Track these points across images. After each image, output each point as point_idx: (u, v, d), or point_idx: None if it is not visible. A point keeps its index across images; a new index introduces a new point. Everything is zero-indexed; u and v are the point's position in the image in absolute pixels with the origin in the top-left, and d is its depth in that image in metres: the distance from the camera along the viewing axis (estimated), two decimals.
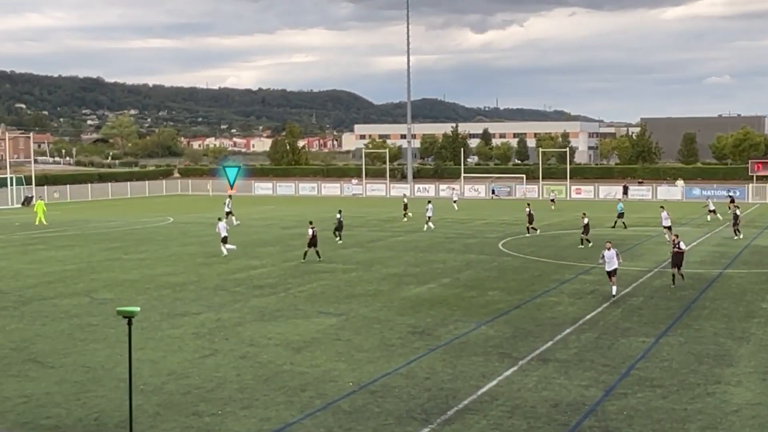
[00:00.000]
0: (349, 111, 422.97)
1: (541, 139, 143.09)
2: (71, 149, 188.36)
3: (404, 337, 23.10)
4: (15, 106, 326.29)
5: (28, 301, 28.82)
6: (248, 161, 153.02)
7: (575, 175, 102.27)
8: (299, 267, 35.96)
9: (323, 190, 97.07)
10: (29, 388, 18.47)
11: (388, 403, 17.25)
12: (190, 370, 19.88)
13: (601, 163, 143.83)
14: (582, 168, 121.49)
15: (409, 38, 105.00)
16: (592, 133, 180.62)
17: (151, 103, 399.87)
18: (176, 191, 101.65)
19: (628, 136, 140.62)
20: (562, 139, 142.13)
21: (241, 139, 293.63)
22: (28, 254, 41.29)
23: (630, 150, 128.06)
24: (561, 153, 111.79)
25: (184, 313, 26.43)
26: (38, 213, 58.84)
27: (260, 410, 16.92)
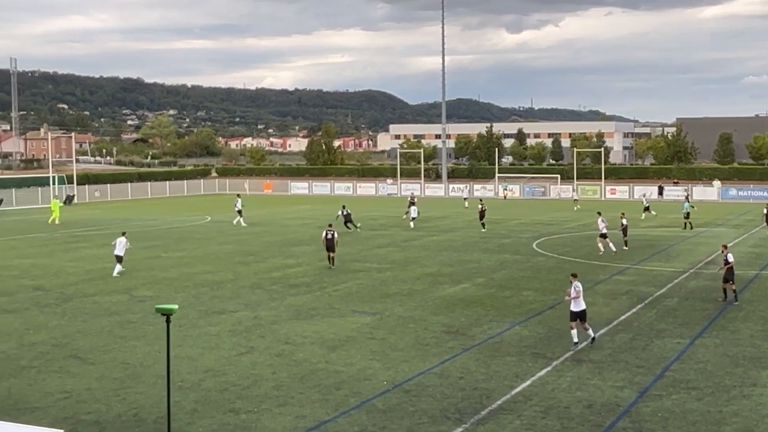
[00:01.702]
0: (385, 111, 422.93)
1: (576, 139, 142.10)
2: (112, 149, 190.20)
3: (438, 336, 23.08)
4: (57, 106, 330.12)
5: (69, 298, 29.17)
6: (284, 161, 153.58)
7: (610, 176, 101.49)
8: (335, 266, 36.02)
9: (358, 190, 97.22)
10: (70, 384, 18.69)
11: (422, 402, 17.25)
12: (227, 367, 20.01)
13: (636, 163, 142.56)
14: (617, 168, 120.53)
15: (444, 39, 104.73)
16: (627, 133, 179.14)
17: (190, 103, 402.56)
18: (214, 191, 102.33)
19: (664, 136, 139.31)
20: (597, 139, 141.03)
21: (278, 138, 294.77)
22: (70, 252, 41.77)
23: (665, 150, 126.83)
24: (596, 153, 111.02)
25: (221, 311, 26.61)
26: (54, 211, 59.27)
27: (296, 408, 16.99)
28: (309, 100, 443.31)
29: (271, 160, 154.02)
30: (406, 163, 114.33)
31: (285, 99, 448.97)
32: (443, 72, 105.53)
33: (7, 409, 16.64)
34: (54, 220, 57.92)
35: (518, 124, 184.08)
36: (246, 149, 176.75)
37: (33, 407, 17.10)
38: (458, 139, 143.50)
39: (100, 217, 64.39)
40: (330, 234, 35.77)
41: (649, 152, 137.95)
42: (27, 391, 18.25)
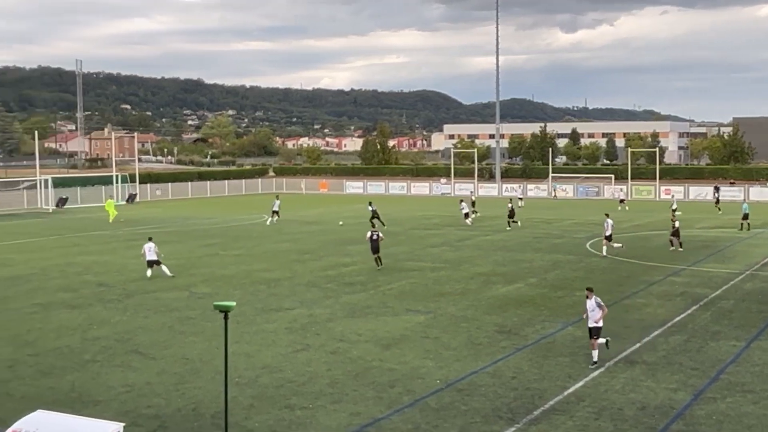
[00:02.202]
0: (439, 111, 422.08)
1: (630, 138, 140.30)
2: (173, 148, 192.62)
3: (491, 336, 22.97)
4: (121, 106, 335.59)
5: (131, 294, 29.63)
6: (340, 160, 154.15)
7: (665, 176, 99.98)
8: (388, 265, 36.04)
9: (413, 189, 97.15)
10: (132, 378, 18.99)
11: (474, 402, 17.19)
12: (283, 364, 20.16)
13: (692, 163, 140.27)
14: (672, 168, 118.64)
15: (498, 39, 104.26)
16: (682, 132, 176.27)
17: (248, 103, 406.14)
18: (271, 190, 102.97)
19: (720, 135, 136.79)
20: (652, 139, 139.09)
21: (334, 138, 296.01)
22: (132, 249, 42.37)
23: (721, 150, 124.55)
24: (650, 153, 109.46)
25: (277, 308, 26.80)
26: (109, 211, 60.14)
27: (350, 405, 17.04)
28: (364, 101, 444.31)
29: (327, 159, 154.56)
30: (459, 163, 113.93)
31: (341, 99, 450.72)
32: (497, 72, 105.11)
33: (71, 402, 16.97)
34: (113, 219, 58.85)
35: (572, 124, 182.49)
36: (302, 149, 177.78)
37: (96, 400, 17.42)
38: (512, 139, 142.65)
39: (161, 215, 65.32)
40: (375, 235, 35.77)
41: (705, 152, 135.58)
42: (90, 384, 18.59)
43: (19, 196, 74.30)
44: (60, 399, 17.30)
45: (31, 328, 24.22)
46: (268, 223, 56.14)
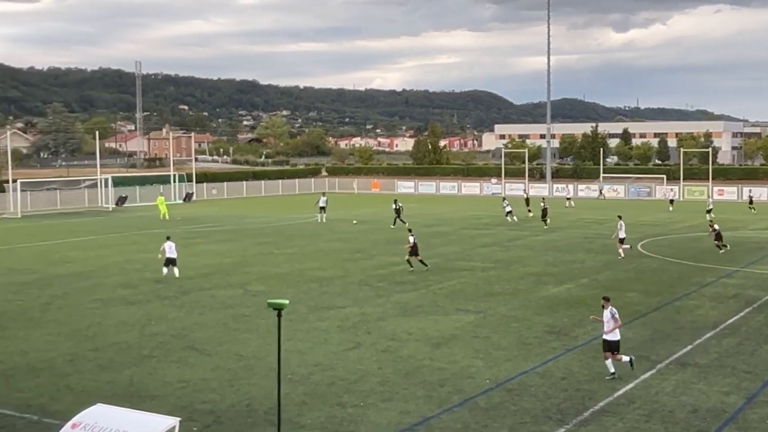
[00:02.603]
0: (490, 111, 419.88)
1: (683, 138, 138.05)
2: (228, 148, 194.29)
3: (541, 336, 22.80)
4: (178, 107, 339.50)
5: (187, 291, 29.98)
6: (391, 160, 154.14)
7: (718, 176, 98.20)
8: (439, 264, 35.98)
9: (463, 189, 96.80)
10: (187, 374, 19.21)
11: (524, 402, 17.07)
12: (334, 361, 20.23)
13: (746, 163, 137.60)
14: (725, 168, 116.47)
15: (549, 38, 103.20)
16: (736, 132, 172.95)
17: (302, 104, 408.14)
18: (324, 189, 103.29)
19: None
20: (705, 139, 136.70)
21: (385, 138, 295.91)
22: (188, 247, 42.85)
23: None
24: (703, 153, 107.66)
25: (330, 307, 26.91)
26: (160, 209, 60.89)
27: (400, 403, 17.04)
28: (416, 101, 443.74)
29: (379, 159, 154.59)
30: (510, 163, 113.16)
31: (393, 99, 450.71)
32: (548, 72, 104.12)
33: (129, 396, 17.22)
34: (164, 216, 59.58)
35: (624, 124, 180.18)
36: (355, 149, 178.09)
37: (152, 395, 17.65)
38: (563, 139, 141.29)
39: (217, 214, 65.99)
40: (415, 239, 35.28)
41: (759, 152, 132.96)
42: (147, 379, 18.85)
43: (81, 194, 75.60)
44: (118, 393, 17.56)
45: (91, 324, 24.65)
46: (318, 220, 56.40)
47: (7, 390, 18.11)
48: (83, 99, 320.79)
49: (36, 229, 54.10)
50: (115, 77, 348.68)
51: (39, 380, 18.82)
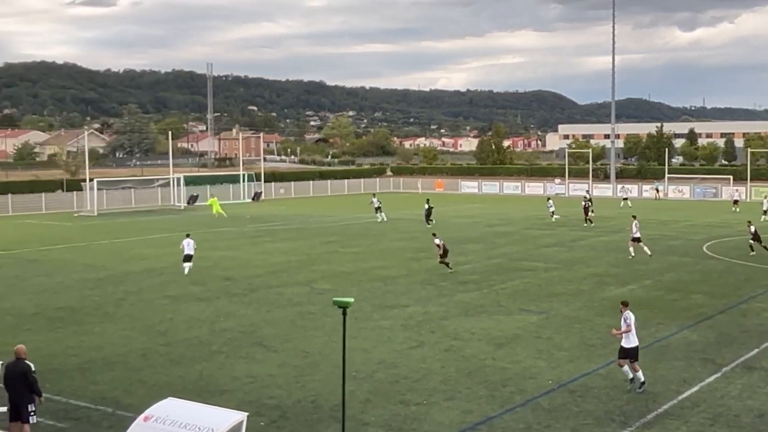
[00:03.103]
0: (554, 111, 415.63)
1: (750, 139, 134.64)
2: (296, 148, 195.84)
3: (604, 337, 22.45)
4: (248, 108, 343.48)
5: (256, 288, 30.32)
6: (455, 160, 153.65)
7: None
8: (502, 264, 35.79)
9: (527, 189, 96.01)
10: (255, 370, 19.44)
11: (587, 403, 16.88)
12: (398, 360, 20.26)
13: None
14: None
15: (614, 38, 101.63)
16: None
17: (368, 104, 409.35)
18: (389, 189, 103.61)
19: None
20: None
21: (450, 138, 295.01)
22: (256, 245, 43.40)
23: None
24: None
25: (393, 305, 26.95)
26: (214, 207, 61.66)
27: (463, 402, 17.00)
28: (480, 101, 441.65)
29: (443, 159, 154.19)
30: (574, 163, 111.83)
31: (457, 100, 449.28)
32: (613, 71, 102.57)
33: (199, 391, 17.49)
34: (220, 214, 60.35)
35: (689, 124, 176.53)
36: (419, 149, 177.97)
37: (221, 390, 17.91)
38: (627, 139, 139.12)
39: (284, 212, 66.61)
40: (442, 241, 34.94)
41: None
42: (217, 374, 19.13)
43: (154, 193, 76.96)
44: (189, 387, 17.86)
45: (163, 319, 25.10)
46: (379, 220, 56.51)
47: (84, 383, 18.56)
48: (157, 100, 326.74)
49: (111, 227, 55.29)
50: (188, 79, 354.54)
51: (113, 374, 19.25)
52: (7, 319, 25.40)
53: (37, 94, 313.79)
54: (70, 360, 20.50)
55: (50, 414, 16.13)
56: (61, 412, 16.56)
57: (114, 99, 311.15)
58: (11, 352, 14.98)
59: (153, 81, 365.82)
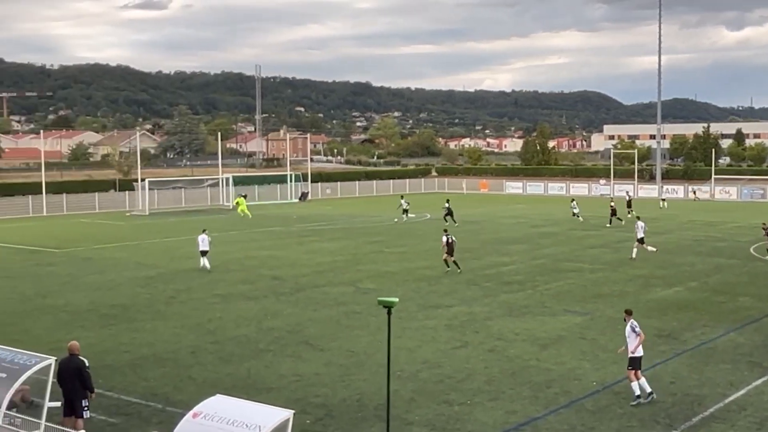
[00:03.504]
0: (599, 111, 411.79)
1: None
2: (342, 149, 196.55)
3: (650, 339, 22.05)
4: (295, 109, 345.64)
5: (302, 288, 30.48)
6: (500, 161, 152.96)
7: None
8: (546, 265, 35.52)
9: (571, 190, 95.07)
10: (301, 368, 19.54)
11: (631, 406, 16.67)
12: (442, 360, 20.22)
13: None
14: None
15: (660, 37, 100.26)
16: None
17: (413, 105, 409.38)
18: (433, 189, 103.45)
19: None
20: None
21: (494, 139, 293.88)
22: (303, 245, 43.61)
23: None
24: None
25: (438, 306, 26.90)
26: (240, 207, 62.16)
27: (506, 403, 16.91)
28: (525, 101, 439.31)
29: (488, 160, 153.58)
30: (619, 164, 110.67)
31: (502, 100, 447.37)
32: (659, 71, 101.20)
33: (246, 388, 17.62)
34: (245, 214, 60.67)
35: (737, 124, 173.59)
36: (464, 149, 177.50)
37: (268, 387, 18.03)
38: (673, 140, 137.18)
39: (331, 212, 66.82)
40: (450, 239, 34.77)
41: None
42: (264, 372, 19.27)
43: (204, 193, 77.71)
44: (237, 385, 18.01)
45: (212, 318, 25.35)
46: (399, 220, 56.34)
47: (135, 379, 18.83)
48: (207, 101, 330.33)
49: (162, 226, 55.98)
50: (237, 80, 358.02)
51: (164, 370, 19.49)
52: (62, 316, 25.87)
53: (91, 95, 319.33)
54: (122, 356, 20.81)
55: (102, 409, 16.39)
56: (113, 407, 16.81)
57: (165, 100, 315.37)
58: (65, 348, 15.25)
59: (203, 82, 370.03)
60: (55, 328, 24.08)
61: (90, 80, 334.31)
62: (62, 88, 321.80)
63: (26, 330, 23.81)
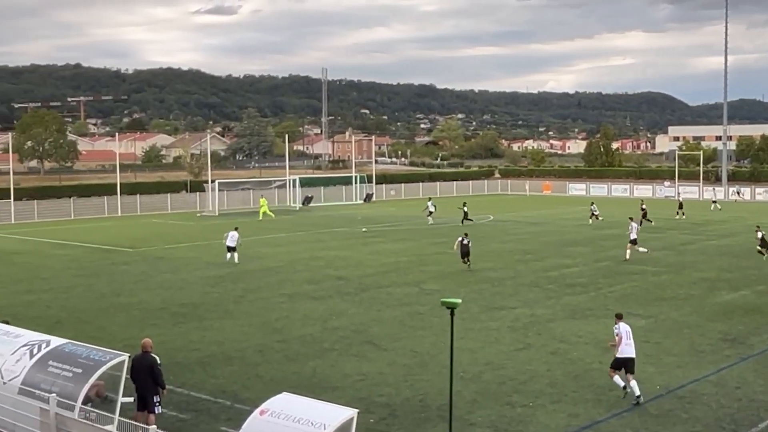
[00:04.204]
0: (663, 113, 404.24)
1: None
2: (406, 151, 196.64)
3: (715, 343, 21.72)
4: (360, 111, 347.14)
5: (367, 288, 30.58)
6: (563, 162, 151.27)
7: None
8: (610, 268, 35.01)
9: (635, 192, 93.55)
10: (365, 368, 19.60)
11: (696, 410, 16.35)
12: (505, 361, 20.09)
13: None
14: None
15: (727, 37, 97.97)
16: None
17: (476, 107, 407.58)
18: (496, 191, 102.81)
19: None
20: None
21: (558, 141, 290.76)
22: (368, 246, 43.74)
23: None
24: None
25: (501, 307, 26.73)
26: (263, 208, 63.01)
27: (569, 406, 16.72)
28: (588, 103, 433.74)
29: (551, 161, 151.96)
30: (684, 166, 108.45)
31: (565, 102, 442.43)
32: (725, 72, 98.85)
33: (312, 387, 17.74)
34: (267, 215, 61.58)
35: None
36: (527, 151, 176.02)
37: (333, 386, 18.13)
38: (740, 141, 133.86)
39: (395, 213, 66.93)
40: (465, 240, 35.21)
41: None
42: (329, 371, 19.38)
43: (271, 194, 78.46)
44: (302, 383, 18.14)
45: (279, 317, 25.60)
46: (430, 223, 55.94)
47: (204, 376, 19.12)
48: (274, 104, 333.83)
49: (231, 226, 56.51)
50: (303, 83, 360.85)
51: (232, 368, 19.75)
52: (135, 314, 26.41)
53: (164, 99, 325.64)
54: (192, 354, 21.14)
55: (173, 405, 16.68)
56: (183, 403, 17.10)
57: (234, 103, 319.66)
58: (138, 345, 15.57)
59: (271, 86, 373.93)
60: (129, 325, 24.60)
61: (163, 84, 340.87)
62: (136, 91, 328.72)
63: (102, 327, 24.38)
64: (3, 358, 14.72)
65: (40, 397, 13.60)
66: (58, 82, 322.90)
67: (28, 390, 13.87)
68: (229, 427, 15.22)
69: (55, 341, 14.91)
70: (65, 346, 14.66)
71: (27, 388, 13.91)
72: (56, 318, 25.78)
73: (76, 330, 22.89)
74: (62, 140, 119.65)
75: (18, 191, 68.33)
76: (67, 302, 28.56)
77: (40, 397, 13.57)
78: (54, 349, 14.54)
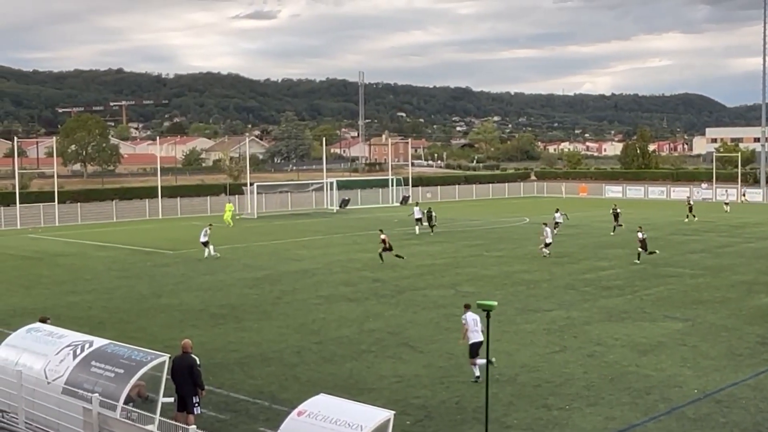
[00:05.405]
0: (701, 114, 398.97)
1: None
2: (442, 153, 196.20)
3: (753, 347, 21.39)
4: (397, 114, 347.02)
5: (403, 290, 30.56)
6: (599, 165, 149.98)
7: None
8: (646, 270, 34.63)
9: (672, 194, 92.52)
10: (401, 370, 19.60)
11: (734, 414, 16.11)
12: (540, 364, 19.96)
13: None
14: None
15: (765, 38, 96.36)
16: None
17: (512, 109, 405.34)
18: (532, 193, 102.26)
19: None
20: None
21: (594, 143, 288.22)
22: (403, 248, 43.59)
23: None
24: None
25: (536, 310, 26.57)
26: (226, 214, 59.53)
27: (605, 409, 16.57)
28: (625, 105, 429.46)
29: (587, 164, 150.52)
30: (722, 167, 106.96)
31: (602, 104, 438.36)
32: (764, 72, 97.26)
33: (348, 388, 17.77)
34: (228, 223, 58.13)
35: None
36: (563, 153, 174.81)
37: (369, 388, 18.14)
38: None
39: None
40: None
41: None
42: (365, 373, 19.40)
43: (309, 197, 78.83)
44: (339, 384, 18.19)
45: (316, 318, 25.69)
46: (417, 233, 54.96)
47: (243, 377, 19.24)
48: (312, 108, 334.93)
49: (269, 229, 57.05)
50: (341, 87, 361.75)
51: (270, 369, 19.86)
52: (175, 315, 26.67)
53: (204, 103, 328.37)
54: (231, 355, 21.29)
55: (212, 405, 16.81)
56: (222, 404, 17.23)
57: (273, 107, 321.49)
58: (178, 346, 15.72)
59: (308, 89, 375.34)
60: (169, 326, 24.85)
61: (203, 88, 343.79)
62: (177, 96, 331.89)
63: (142, 328, 24.65)
64: (47, 358, 14.94)
65: (83, 396, 13.78)
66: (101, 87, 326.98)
67: (71, 390, 14.07)
68: (268, 428, 15.31)
69: (98, 342, 15.10)
70: (107, 346, 14.84)
71: (70, 387, 14.11)
72: (98, 318, 26.12)
73: (117, 330, 23.18)
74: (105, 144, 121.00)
75: (62, 194, 69.42)
76: (109, 303, 28.93)
77: (83, 397, 13.75)
78: (96, 349, 14.73)
